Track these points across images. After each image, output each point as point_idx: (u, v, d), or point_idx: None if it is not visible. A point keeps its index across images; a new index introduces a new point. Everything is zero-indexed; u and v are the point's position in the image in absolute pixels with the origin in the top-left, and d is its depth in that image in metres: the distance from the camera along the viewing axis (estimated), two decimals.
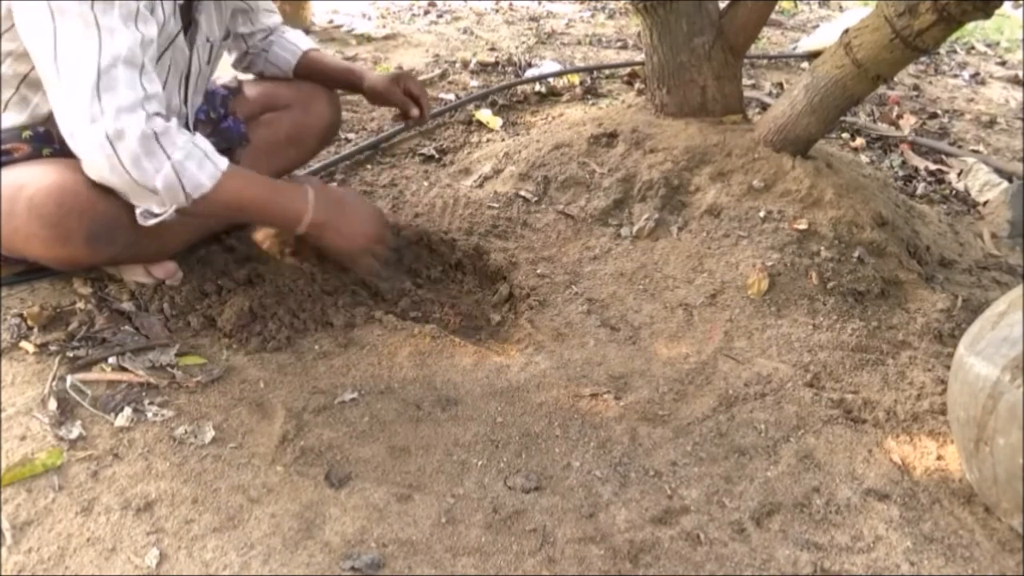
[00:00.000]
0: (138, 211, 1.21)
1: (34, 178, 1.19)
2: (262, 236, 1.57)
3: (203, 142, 1.23)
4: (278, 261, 1.54)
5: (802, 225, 1.71)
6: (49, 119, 1.28)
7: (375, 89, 1.73)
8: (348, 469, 1.13)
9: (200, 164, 1.20)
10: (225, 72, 1.74)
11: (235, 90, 1.67)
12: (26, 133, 1.26)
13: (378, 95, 1.73)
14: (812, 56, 3.35)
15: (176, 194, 1.19)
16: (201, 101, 1.53)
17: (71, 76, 1.12)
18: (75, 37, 1.11)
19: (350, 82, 1.75)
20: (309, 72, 1.72)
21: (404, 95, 1.73)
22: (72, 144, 1.16)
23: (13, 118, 1.27)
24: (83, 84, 1.11)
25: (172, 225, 1.33)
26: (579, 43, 3.65)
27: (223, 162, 1.24)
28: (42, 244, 1.21)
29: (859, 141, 2.64)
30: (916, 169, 2.50)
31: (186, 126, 1.44)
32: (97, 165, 1.16)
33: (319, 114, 1.72)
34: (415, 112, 1.73)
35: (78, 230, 1.20)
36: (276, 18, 1.70)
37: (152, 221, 1.22)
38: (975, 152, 2.66)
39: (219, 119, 1.58)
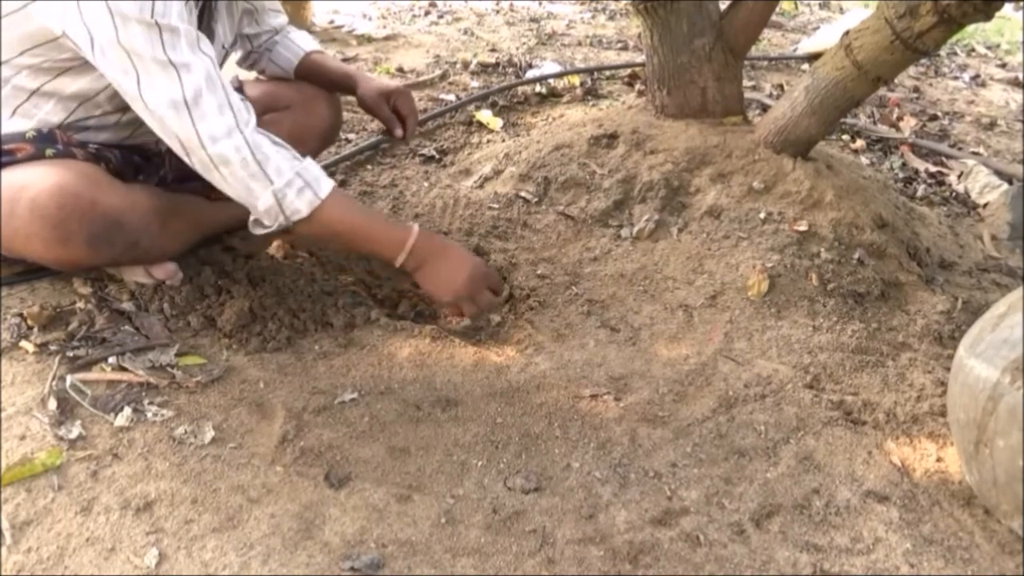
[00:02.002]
0: (251, 220, 1.30)
1: (36, 179, 1.19)
2: (275, 248, 1.57)
3: (309, 169, 1.28)
4: (279, 261, 1.54)
5: (802, 227, 1.71)
6: (59, 127, 1.29)
7: (364, 100, 1.72)
8: (348, 469, 1.13)
9: (300, 192, 1.25)
10: (225, 72, 1.74)
11: (237, 91, 1.67)
12: (30, 133, 1.26)
13: (366, 107, 1.73)
14: (813, 58, 3.35)
15: (276, 217, 1.27)
16: None
17: (164, 115, 1.17)
18: (157, 80, 1.15)
19: (346, 87, 1.75)
20: (309, 74, 1.72)
21: (391, 111, 1.72)
22: (195, 168, 1.23)
23: (20, 124, 1.27)
24: (179, 119, 1.17)
25: (172, 227, 1.34)
26: (580, 44, 3.65)
27: (325, 190, 1.28)
28: (43, 245, 1.21)
29: (859, 143, 2.64)
30: (916, 171, 2.50)
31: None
32: (218, 184, 1.24)
33: (320, 115, 1.72)
34: (398, 132, 1.72)
35: (79, 232, 1.20)
36: (282, 18, 1.70)
37: (260, 231, 1.30)
38: (975, 154, 2.66)
39: None
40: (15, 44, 1.21)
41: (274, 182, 1.23)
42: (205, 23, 1.35)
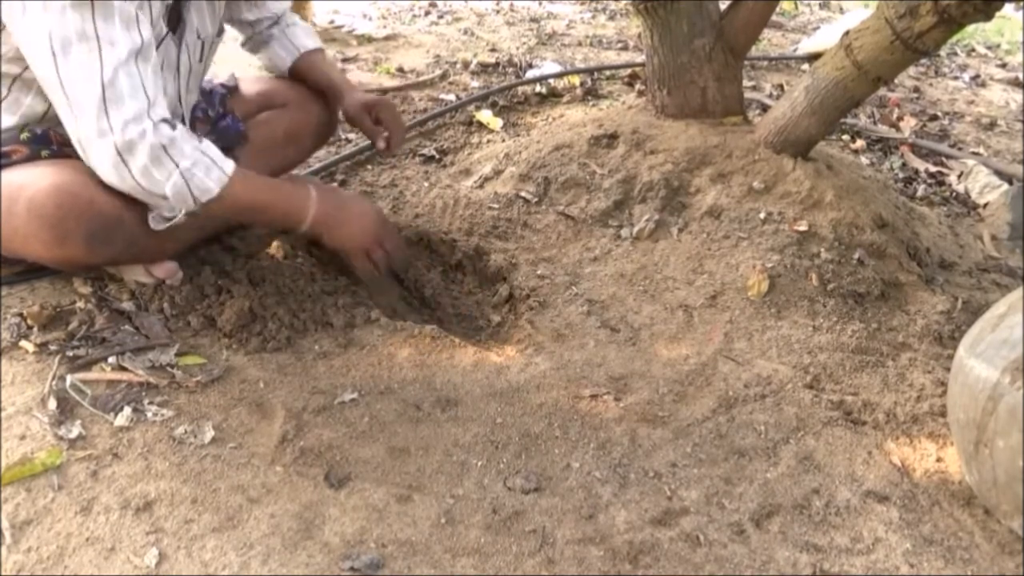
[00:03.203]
0: (151, 215, 1.26)
1: (33, 179, 1.19)
2: (275, 248, 1.57)
3: (211, 148, 1.26)
4: (279, 261, 1.54)
5: (802, 227, 1.71)
6: (44, 119, 1.28)
7: (346, 113, 1.69)
8: (348, 469, 1.13)
9: (207, 170, 1.23)
10: (221, 69, 1.74)
11: (232, 88, 1.67)
12: (24, 135, 1.26)
13: (349, 119, 1.70)
14: (813, 58, 3.35)
15: (185, 199, 1.23)
16: (196, 99, 1.53)
17: (77, 93, 1.14)
18: (76, 53, 1.12)
19: (331, 96, 1.72)
20: (301, 76, 1.71)
21: (375, 123, 1.68)
22: (84, 157, 1.19)
23: (6, 120, 1.27)
24: (89, 100, 1.13)
25: (172, 226, 1.33)
26: (580, 44, 3.65)
27: (229, 167, 1.27)
28: (41, 245, 1.21)
29: (859, 143, 2.64)
30: (916, 171, 2.50)
31: (183, 124, 1.44)
32: (109, 177, 1.20)
33: (315, 113, 1.71)
34: (380, 144, 1.68)
35: (77, 231, 1.20)
36: (283, 4, 1.68)
37: (164, 225, 1.27)
38: (975, 154, 2.66)
39: (217, 118, 1.58)
40: None
41: (179, 164, 1.20)
42: (174, 8, 1.32)
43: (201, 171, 1.23)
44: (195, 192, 1.23)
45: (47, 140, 1.27)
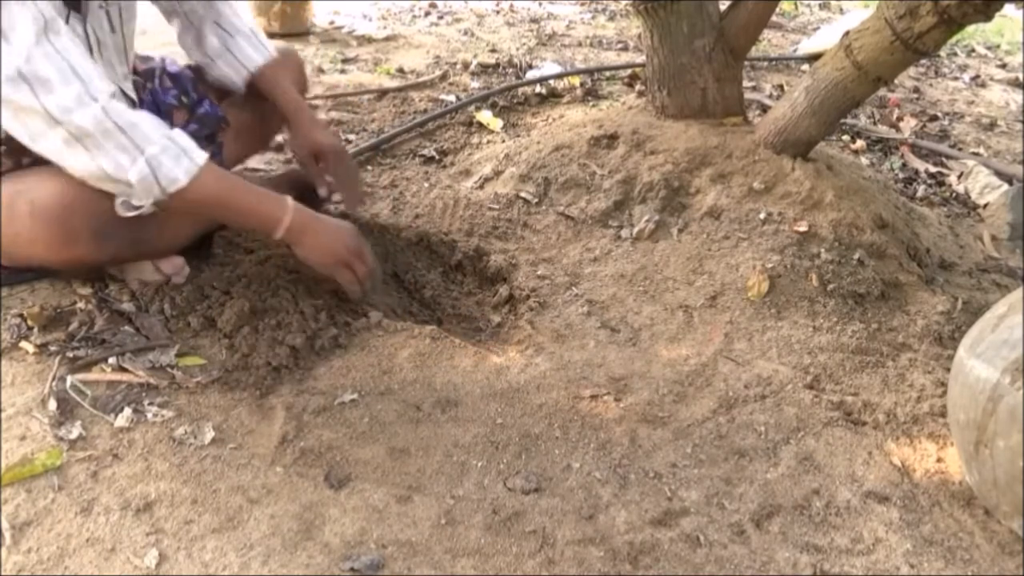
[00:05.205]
0: (117, 202, 1.20)
1: (33, 183, 1.19)
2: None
3: (181, 136, 1.20)
4: (279, 260, 1.54)
5: (802, 227, 1.71)
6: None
7: (293, 152, 1.57)
8: (348, 470, 1.13)
9: (176, 159, 1.17)
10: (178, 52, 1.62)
11: (198, 70, 1.57)
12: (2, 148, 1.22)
13: (296, 158, 1.59)
14: (813, 58, 3.35)
15: (151, 188, 1.17)
16: (129, 74, 1.41)
17: (3, 95, 1.07)
18: None
19: (283, 123, 1.60)
20: (256, 95, 1.56)
21: (319, 173, 1.56)
22: (39, 151, 1.14)
23: None
24: (18, 93, 1.07)
25: (174, 221, 1.31)
26: (580, 45, 3.65)
27: (200, 157, 1.21)
28: (46, 246, 1.21)
29: (859, 143, 2.64)
30: (916, 171, 2.50)
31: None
32: (70, 165, 1.14)
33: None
34: (322, 192, 1.57)
35: (83, 229, 1.20)
36: None
37: (131, 213, 1.20)
38: (975, 155, 2.66)
39: (193, 104, 1.51)
40: None
41: (145, 150, 1.14)
42: None
43: (170, 159, 1.16)
44: (162, 181, 1.16)
45: (24, 148, 1.19)
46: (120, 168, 1.14)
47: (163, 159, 1.16)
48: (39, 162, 1.23)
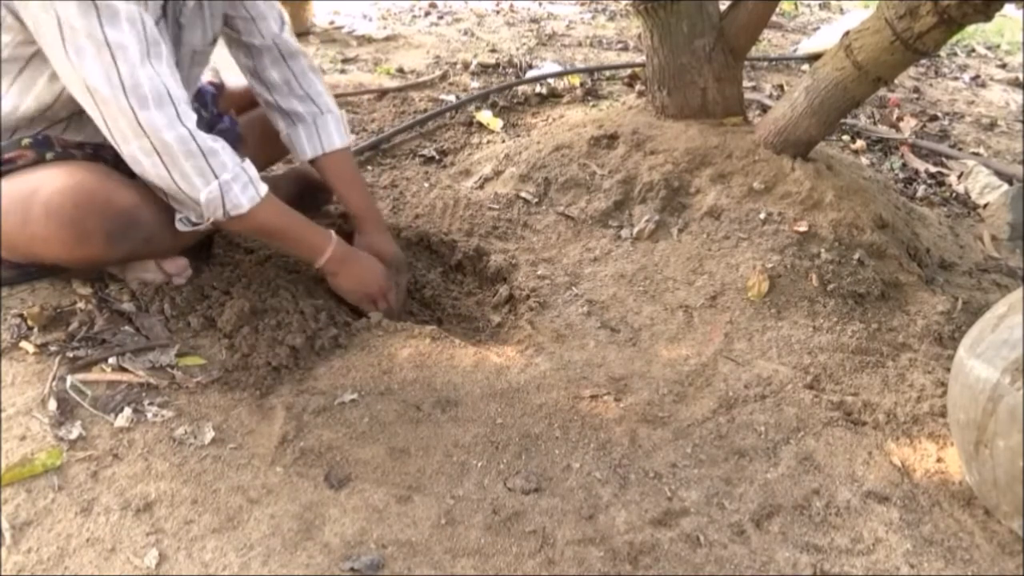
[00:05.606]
0: (177, 217, 1.29)
1: (47, 181, 1.19)
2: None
3: (251, 168, 1.30)
4: (279, 261, 1.54)
5: (802, 227, 1.71)
6: (51, 109, 1.27)
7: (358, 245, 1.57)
8: (348, 470, 1.13)
9: (244, 187, 1.27)
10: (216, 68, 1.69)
11: (220, 87, 1.66)
12: (26, 140, 1.25)
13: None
14: (813, 58, 3.35)
15: (216, 209, 1.26)
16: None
17: (101, 95, 1.15)
18: (90, 56, 1.13)
19: (349, 218, 1.62)
20: (319, 172, 1.61)
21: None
22: (122, 154, 1.22)
23: (16, 103, 1.25)
24: (115, 103, 1.15)
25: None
26: (580, 45, 3.65)
27: (263, 189, 1.31)
28: (61, 245, 1.21)
29: (859, 143, 2.64)
30: (916, 171, 2.50)
31: None
32: (147, 175, 1.23)
33: None
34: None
35: (97, 229, 1.20)
36: (277, 27, 1.53)
37: (189, 229, 1.30)
38: (975, 155, 2.66)
39: (212, 119, 1.55)
40: None
41: (219, 175, 1.24)
42: (171, 16, 1.31)
43: (238, 187, 1.26)
44: (227, 205, 1.26)
45: (50, 144, 1.27)
46: (193, 188, 1.23)
47: (233, 185, 1.26)
48: (62, 157, 1.26)
